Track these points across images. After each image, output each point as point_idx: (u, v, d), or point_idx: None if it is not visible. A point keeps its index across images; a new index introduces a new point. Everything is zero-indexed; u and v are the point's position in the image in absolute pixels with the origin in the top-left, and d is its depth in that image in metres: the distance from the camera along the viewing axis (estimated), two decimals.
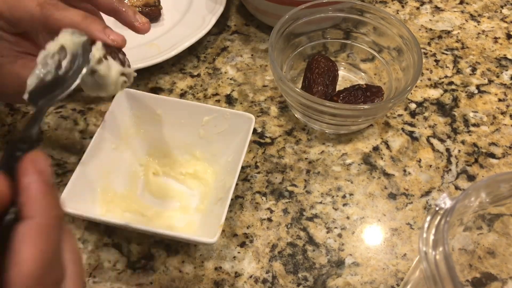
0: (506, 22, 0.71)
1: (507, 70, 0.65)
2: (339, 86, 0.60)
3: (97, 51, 0.37)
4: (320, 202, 0.52)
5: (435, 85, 0.63)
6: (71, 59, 0.35)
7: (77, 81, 0.35)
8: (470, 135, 0.58)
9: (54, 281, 0.25)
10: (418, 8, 0.73)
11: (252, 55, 0.66)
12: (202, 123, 0.52)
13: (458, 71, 0.65)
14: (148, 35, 0.64)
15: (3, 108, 0.59)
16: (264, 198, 0.52)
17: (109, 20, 0.44)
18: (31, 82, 0.35)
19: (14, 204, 0.26)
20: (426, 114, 0.60)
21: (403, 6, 0.73)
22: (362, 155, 0.56)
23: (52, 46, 0.36)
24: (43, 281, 0.24)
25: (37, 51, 0.37)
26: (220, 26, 0.69)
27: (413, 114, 0.60)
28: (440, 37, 0.69)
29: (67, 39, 0.36)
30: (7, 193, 0.25)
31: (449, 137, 0.58)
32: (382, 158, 0.56)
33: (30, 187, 0.25)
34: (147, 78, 0.62)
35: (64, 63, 0.35)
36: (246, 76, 0.63)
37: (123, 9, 0.44)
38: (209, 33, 0.66)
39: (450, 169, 0.55)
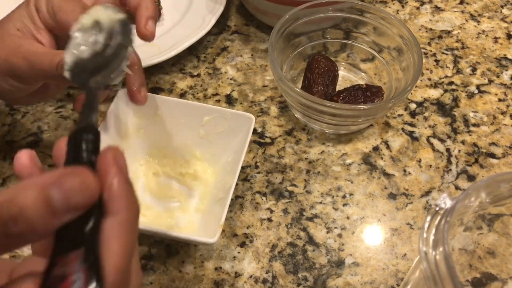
0: (506, 22, 0.71)
1: (507, 70, 0.65)
2: (339, 86, 0.60)
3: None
4: (320, 202, 0.52)
5: (435, 85, 0.63)
6: (108, 35, 0.33)
7: (127, 62, 0.33)
8: (470, 135, 0.58)
9: (132, 274, 0.27)
10: (418, 8, 0.73)
11: (252, 55, 0.66)
12: (202, 123, 0.52)
13: (458, 71, 0.65)
14: None
15: (3, 108, 0.59)
16: (264, 198, 0.52)
17: None
18: (68, 58, 0.33)
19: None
20: (426, 114, 0.60)
21: (403, 6, 0.73)
22: (362, 155, 0.56)
23: (85, 20, 0.33)
24: (128, 273, 0.26)
25: None
26: (220, 26, 0.69)
27: (413, 114, 0.60)
28: (440, 37, 0.69)
29: (101, 13, 0.34)
30: (97, 189, 0.26)
31: (449, 137, 0.58)
32: (382, 158, 0.56)
33: (114, 184, 0.26)
34: (147, 78, 0.62)
35: (100, 39, 0.33)
36: (246, 76, 0.63)
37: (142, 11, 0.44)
38: (209, 33, 0.66)
39: (450, 169, 0.55)
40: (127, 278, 0.26)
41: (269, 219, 0.51)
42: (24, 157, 0.30)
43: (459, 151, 0.57)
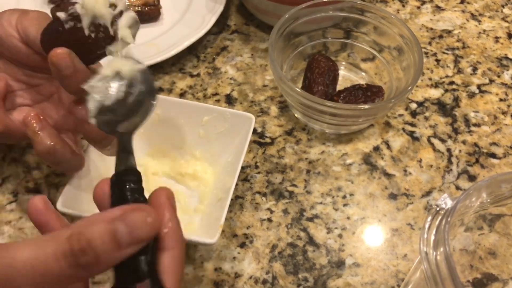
0: (507, 21, 0.71)
1: (508, 70, 0.65)
2: (340, 86, 0.60)
3: None
4: (320, 203, 0.52)
5: (436, 85, 0.63)
6: (129, 84, 0.36)
7: (154, 107, 0.36)
8: (471, 135, 0.58)
9: None
10: (418, 8, 0.73)
11: (252, 54, 0.65)
12: (202, 123, 0.52)
13: (459, 71, 0.65)
14: (148, 34, 0.65)
15: None
16: (264, 198, 0.52)
17: None
18: (92, 106, 0.35)
19: None
20: (427, 114, 0.60)
21: (403, 6, 0.73)
22: (363, 155, 0.56)
23: (106, 71, 0.36)
24: None
25: None
26: (220, 25, 0.69)
27: (413, 114, 0.60)
28: (441, 36, 0.69)
29: (121, 64, 0.36)
30: (158, 225, 0.29)
31: (450, 137, 0.58)
32: (382, 158, 0.55)
33: (170, 222, 0.30)
34: None
35: (122, 88, 0.35)
36: (246, 76, 0.63)
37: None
38: (208, 33, 0.66)
39: (451, 169, 0.55)
40: None
41: (269, 220, 0.50)
42: (39, 203, 0.31)
43: (460, 151, 0.56)
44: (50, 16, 0.41)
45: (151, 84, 0.36)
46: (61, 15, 0.37)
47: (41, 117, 0.40)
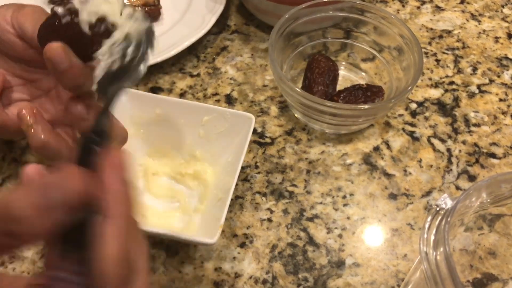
0: (507, 21, 0.71)
1: (508, 70, 0.65)
2: (340, 86, 0.60)
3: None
4: (320, 203, 0.52)
5: (435, 85, 0.63)
6: (136, 46, 0.35)
7: (146, 66, 0.35)
8: (471, 135, 0.58)
9: (128, 277, 0.27)
10: (418, 8, 0.73)
11: (252, 54, 0.65)
12: (202, 123, 0.52)
13: (459, 71, 0.65)
14: None
15: None
16: (264, 198, 0.52)
17: None
18: (98, 73, 0.35)
19: (91, 198, 0.27)
20: (427, 114, 0.60)
21: (403, 6, 0.73)
22: (363, 155, 0.56)
23: (117, 35, 0.35)
24: (123, 277, 0.26)
25: None
26: (220, 25, 0.69)
27: (413, 114, 0.60)
28: (441, 36, 0.69)
29: (131, 26, 0.36)
30: (78, 188, 0.26)
31: (450, 137, 0.58)
32: (382, 158, 0.55)
33: (113, 187, 0.27)
34: (147, 78, 0.62)
35: (129, 51, 0.35)
36: (246, 76, 0.63)
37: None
38: (209, 33, 0.66)
39: (451, 169, 0.55)
40: (127, 275, 0.27)
41: (269, 220, 0.50)
42: (32, 170, 0.31)
43: (460, 151, 0.56)
44: (47, 11, 0.41)
45: (152, 41, 0.36)
46: (58, 9, 0.37)
47: (34, 111, 0.40)
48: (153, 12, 0.66)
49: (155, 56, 0.60)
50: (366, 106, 0.52)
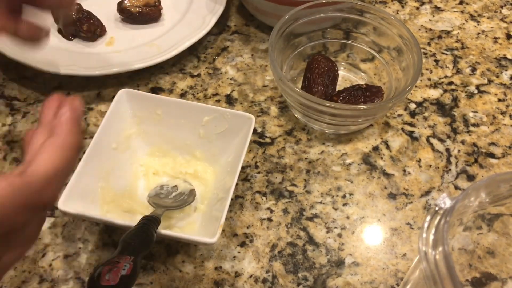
0: (505, 22, 0.71)
1: (506, 70, 0.65)
2: (339, 86, 0.60)
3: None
4: (320, 202, 0.52)
5: (435, 85, 0.63)
6: (179, 194, 0.50)
7: (185, 206, 0.49)
8: (469, 135, 0.58)
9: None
10: (418, 8, 0.73)
11: (252, 55, 0.66)
12: (202, 123, 0.52)
13: (458, 71, 0.65)
14: (149, 35, 0.65)
15: (3, 108, 0.59)
16: (264, 198, 0.52)
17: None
18: (151, 193, 0.49)
19: None
20: (426, 114, 0.60)
21: (403, 6, 0.73)
22: (362, 155, 0.56)
23: (170, 183, 0.51)
24: (57, 181, 0.31)
25: None
26: (220, 26, 0.69)
27: (413, 114, 0.60)
28: (440, 37, 0.69)
29: (180, 182, 0.51)
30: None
31: (449, 137, 0.58)
32: (382, 158, 0.56)
33: (64, 115, 0.33)
34: (147, 78, 0.62)
35: (173, 194, 0.50)
36: (246, 76, 0.63)
37: None
38: (209, 33, 0.66)
39: (449, 169, 0.55)
40: (53, 183, 0.31)
41: (269, 219, 0.51)
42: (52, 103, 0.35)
43: (459, 151, 0.57)
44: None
45: (192, 198, 0.49)
46: None
47: None
48: (153, 13, 0.67)
49: (156, 57, 0.60)
50: (366, 106, 0.53)
